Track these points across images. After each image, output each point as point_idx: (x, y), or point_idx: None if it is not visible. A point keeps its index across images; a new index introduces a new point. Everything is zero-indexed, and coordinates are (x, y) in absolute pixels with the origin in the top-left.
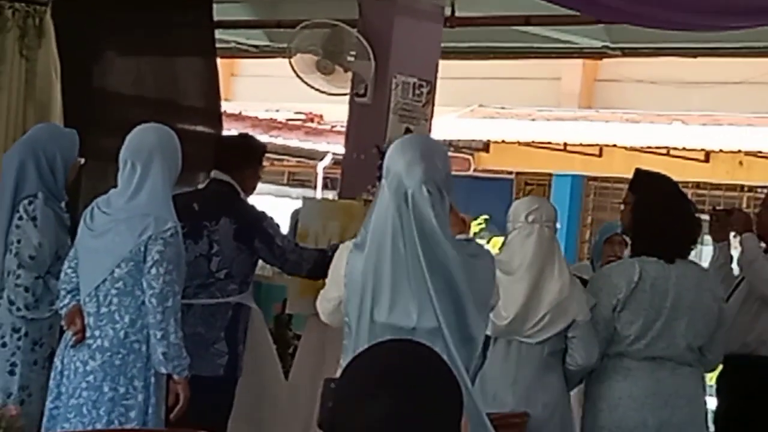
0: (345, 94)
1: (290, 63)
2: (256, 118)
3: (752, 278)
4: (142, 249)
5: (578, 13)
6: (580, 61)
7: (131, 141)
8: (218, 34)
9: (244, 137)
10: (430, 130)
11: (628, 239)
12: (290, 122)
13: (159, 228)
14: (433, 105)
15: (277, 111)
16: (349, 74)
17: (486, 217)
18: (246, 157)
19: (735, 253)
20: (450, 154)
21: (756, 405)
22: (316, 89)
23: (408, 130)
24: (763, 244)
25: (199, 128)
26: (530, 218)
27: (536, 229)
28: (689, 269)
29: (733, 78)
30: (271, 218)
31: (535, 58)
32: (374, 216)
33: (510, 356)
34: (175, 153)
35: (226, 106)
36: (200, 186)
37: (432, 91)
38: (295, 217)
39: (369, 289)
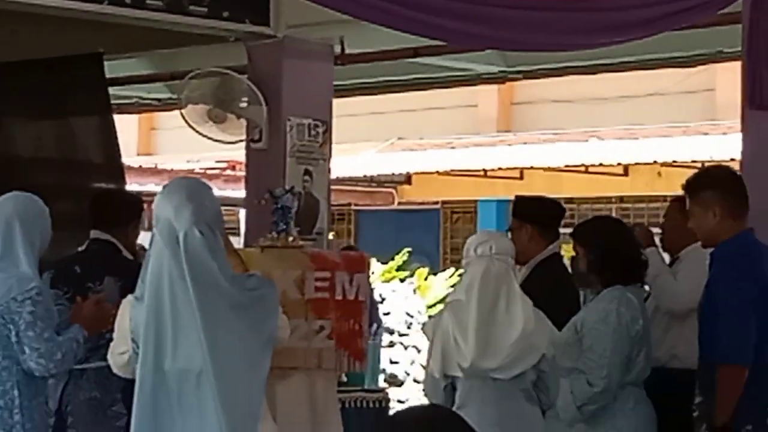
0: (240, 141)
1: (182, 114)
2: (173, 170)
3: (658, 293)
4: (5, 312)
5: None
6: (495, 86)
7: None
8: (120, 90)
9: (119, 193)
10: (329, 170)
11: None
12: (209, 171)
13: (22, 287)
14: (330, 144)
15: (198, 161)
16: (243, 121)
17: (409, 249)
18: (123, 213)
19: None
20: (372, 189)
21: (671, 418)
22: (210, 139)
23: (307, 172)
24: (668, 256)
25: (103, 185)
26: (479, 251)
27: (485, 262)
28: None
29: (647, 90)
30: None
31: (435, 89)
32: (150, 266)
33: (487, 396)
34: (37, 218)
35: (145, 161)
36: (80, 248)
37: (328, 131)
38: None
39: (151, 338)
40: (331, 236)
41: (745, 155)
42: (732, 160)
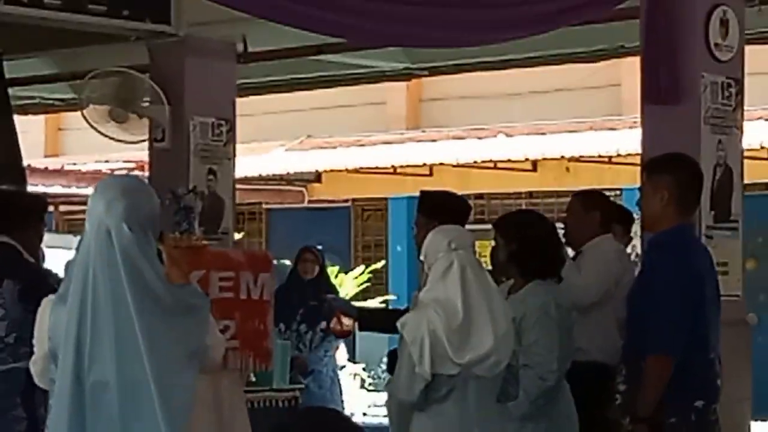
0: (143, 141)
1: (83, 115)
2: (80, 171)
3: (562, 287)
4: None
5: None
6: (403, 83)
7: None
8: (21, 90)
9: (19, 195)
10: (234, 169)
11: None
12: (116, 172)
13: None
14: (235, 143)
15: (106, 162)
16: (146, 120)
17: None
18: (24, 216)
19: None
20: (282, 187)
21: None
22: (113, 139)
23: (211, 171)
24: (571, 251)
25: (3, 187)
26: (453, 245)
27: (462, 255)
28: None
29: (553, 86)
30: (56, 275)
31: (340, 86)
32: (76, 263)
33: (471, 394)
34: None
35: (53, 161)
36: None
37: (232, 130)
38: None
39: (71, 342)
40: (240, 236)
41: (644, 148)
42: (638, 154)
